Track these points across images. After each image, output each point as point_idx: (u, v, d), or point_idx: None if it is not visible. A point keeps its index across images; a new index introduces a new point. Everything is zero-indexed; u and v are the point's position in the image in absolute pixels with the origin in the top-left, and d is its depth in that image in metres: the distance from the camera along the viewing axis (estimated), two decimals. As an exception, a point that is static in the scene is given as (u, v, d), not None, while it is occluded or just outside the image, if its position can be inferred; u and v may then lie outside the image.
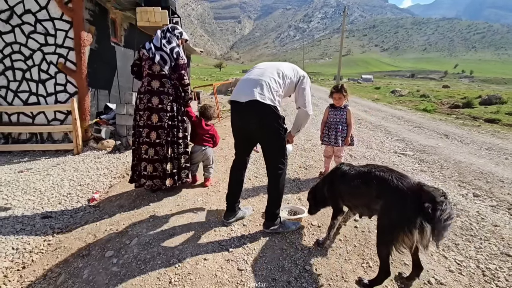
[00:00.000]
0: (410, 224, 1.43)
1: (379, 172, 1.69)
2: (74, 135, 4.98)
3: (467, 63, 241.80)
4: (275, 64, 2.29)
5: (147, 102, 2.80)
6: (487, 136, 6.38)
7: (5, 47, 5.06)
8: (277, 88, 2.12)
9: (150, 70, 2.81)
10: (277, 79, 2.15)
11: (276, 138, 2.11)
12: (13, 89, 5.17)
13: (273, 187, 2.19)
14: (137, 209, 2.78)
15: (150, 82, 2.81)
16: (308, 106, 2.29)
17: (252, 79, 2.16)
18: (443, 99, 14.37)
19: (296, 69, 2.34)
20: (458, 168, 4.07)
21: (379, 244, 1.62)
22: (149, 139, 2.84)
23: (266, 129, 2.10)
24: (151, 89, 2.80)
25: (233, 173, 2.39)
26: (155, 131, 2.84)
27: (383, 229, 1.61)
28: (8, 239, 2.42)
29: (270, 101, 2.04)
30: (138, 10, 5.64)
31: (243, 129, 2.25)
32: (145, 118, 2.82)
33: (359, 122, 7.81)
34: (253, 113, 2.06)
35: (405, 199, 1.50)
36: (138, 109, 2.85)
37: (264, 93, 2.05)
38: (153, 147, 2.86)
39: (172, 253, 2.01)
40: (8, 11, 4.98)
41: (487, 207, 2.86)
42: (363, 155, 4.64)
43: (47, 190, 3.42)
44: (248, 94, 2.06)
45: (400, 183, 1.55)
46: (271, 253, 2.03)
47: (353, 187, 1.82)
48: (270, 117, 2.06)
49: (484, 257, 2.05)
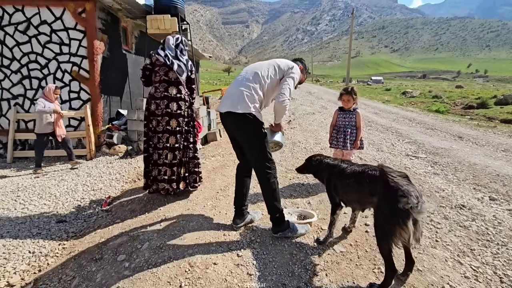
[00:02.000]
0: (404, 217, 1.49)
1: (371, 171, 1.79)
2: (87, 140, 5.12)
3: (481, 62, 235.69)
4: (256, 66, 2.30)
5: (165, 107, 2.84)
6: (503, 137, 6.18)
7: (23, 57, 5.27)
8: (254, 95, 2.15)
9: (166, 77, 2.87)
10: (253, 85, 2.17)
11: (255, 144, 2.17)
12: (30, 97, 5.37)
13: (265, 192, 2.21)
14: (148, 213, 2.82)
15: (167, 88, 2.86)
16: (282, 96, 2.12)
17: (230, 90, 2.27)
18: (456, 100, 14.02)
19: (283, 64, 2.27)
20: (473, 170, 3.96)
21: (379, 241, 1.66)
22: (169, 144, 2.92)
23: (244, 136, 2.20)
24: (169, 95, 2.86)
25: (237, 177, 2.44)
26: (174, 136, 2.93)
27: (380, 225, 1.66)
28: (25, 242, 2.50)
29: (245, 109, 2.10)
30: (148, 18, 5.78)
31: (231, 136, 2.37)
32: (164, 123, 2.87)
33: (369, 125, 7.71)
34: (231, 122, 2.20)
35: (396, 193, 1.54)
36: (155, 114, 2.87)
37: (238, 102, 2.12)
38: (172, 152, 2.94)
39: (183, 257, 2.03)
40: (26, 22, 5.20)
41: (504, 211, 2.77)
42: (374, 158, 4.57)
43: (61, 195, 3.52)
44: (225, 104, 2.19)
45: (390, 178, 1.61)
46: (281, 257, 2.02)
47: (347, 184, 1.94)
48: (246, 125, 2.14)
49: (502, 263, 1.98)
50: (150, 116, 2.91)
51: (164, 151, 2.91)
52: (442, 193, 3.18)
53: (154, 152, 2.95)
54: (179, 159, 3.00)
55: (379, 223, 1.67)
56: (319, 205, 2.88)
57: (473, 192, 3.23)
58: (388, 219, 1.58)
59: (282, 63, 2.30)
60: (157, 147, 2.92)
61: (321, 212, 2.72)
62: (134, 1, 5.41)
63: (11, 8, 5.16)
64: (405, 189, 1.53)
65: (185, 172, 3.06)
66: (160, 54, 2.85)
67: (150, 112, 2.90)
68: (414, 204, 1.48)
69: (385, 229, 1.61)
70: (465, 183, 3.52)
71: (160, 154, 2.92)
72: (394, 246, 1.60)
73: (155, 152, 2.93)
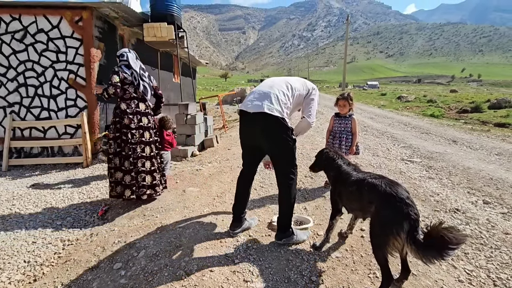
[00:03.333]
0: (398, 227, 1.50)
1: (371, 179, 1.79)
2: (83, 148, 5.11)
3: (475, 66, 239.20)
4: (284, 78, 2.38)
5: (138, 122, 3.16)
6: (497, 141, 6.27)
7: (19, 65, 5.28)
8: (286, 101, 2.18)
9: (135, 94, 3.19)
10: (286, 92, 2.21)
11: (285, 149, 2.14)
12: (26, 105, 5.36)
13: (285, 197, 2.20)
14: (144, 221, 2.82)
15: (138, 104, 3.20)
16: (312, 117, 2.35)
17: (261, 91, 2.23)
18: (450, 104, 14.20)
19: (305, 82, 2.42)
20: (467, 174, 4.01)
21: (375, 249, 1.68)
22: (145, 153, 3.20)
23: (274, 140, 2.13)
24: (140, 110, 3.20)
25: (240, 184, 2.42)
26: (149, 146, 3.25)
27: (375, 234, 1.68)
28: (20, 252, 2.48)
29: (278, 113, 2.08)
30: (145, 26, 5.84)
31: (251, 140, 2.29)
32: (138, 135, 3.16)
33: (365, 129, 7.78)
34: (261, 124, 2.11)
35: (392, 204, 1.57)
36: (129, 128, 3.11)
37: (272, 104, 2.10)
38: (150, 160, 3.24)
39: (179, 264, 2.03)
40: (22, 31, 5.22)
41: (498, 214, 2.81)
42: (370, 162, 4.61)
43: (57, 203, 3.50)
44: (257, 105, 2.12)
45: (388, 188, 1.63)
46: (277, 264, 2.03)
47: (350, 192, 1.94)
48: (278, 128, 2.10)
49: (495, 267, 2.00)
50: (123, 129, 3.11)
51: (141, 160, 3.16)
52: (436, 197, 3.22)
53: (125, 161, 3.12)
54: (157, 166, 3.32)
55: (374, 233, 1.68)
56: (315, 211, 2.90)
57: (467, 196, 3.27)
58: (384, 228, 1.59)
59: (307, 82, 2.44)
60: (131, 157, 3.12)
61: (317, 218, 2.73)
62: (131, 9, 5.46)
63: (8, 17, 5.18)
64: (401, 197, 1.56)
65: (161, 177, 3.39)
66: (126, 72, 3.13)
67: (122, 125, 3.11)
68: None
69: (380, 237, 1.62)
70: (459, 187, 3.56)
71: (136, 163, 3.13)
72: (389, 256, 1.60)
73: (127, 161, 3.12)
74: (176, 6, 6.16)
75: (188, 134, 5.57)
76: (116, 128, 3.12)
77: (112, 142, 3.15)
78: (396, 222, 1.52)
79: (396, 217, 1.54)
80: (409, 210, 1.52)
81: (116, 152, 3.13)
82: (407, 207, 1.53)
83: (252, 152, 2.37)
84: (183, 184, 3.86)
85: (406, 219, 1.50)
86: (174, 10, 6.09)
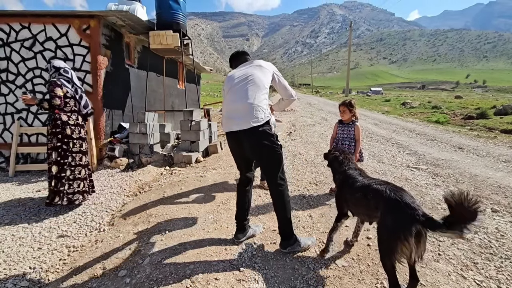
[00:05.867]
0: (406, 232, 1.49)
1: (376, 185, 1.80)
2: (89, 154, 5.14)
3: (480, 72, 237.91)
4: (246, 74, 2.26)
5: (78, 133, 3.53)
6: (504, 148, 6.19)
7: (27, 72, 5.38)
8: (262, 98, 2.17)
9: (75, 107, 3.55)
10: (258, 90, 2.17)
11: (272, 156, 2.16)
12: (34, 112, 5.44)
13: (279, 205, 2.20)
14: (149, 227, 2.82)
15: (78, 117, 3.57)
16: (292, 95, 2.54)
17: (237, 107, 2.16)
18: (456, 110, 14.10)
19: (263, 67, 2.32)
20: (474, 182, 3.96)
21: (382, 257, 1.66)
22: (83, 162, 3.60)
23: (261, 150, 2.14)
24: (80, 122, 3.58)
25: (239, 190, 2.43)
26: (85, 155, 3.66)
27: (382, 241, 1.66)
28: (26, 258, 2.49)
29: (260, 121, 2.09)
30: (151, 33, 5.92)
31: (240, 152, 2.31)
32: (78, 146, 3.52)
33: (369, 136, 7.74)
34: (246, 138, 2.13)
35: (399, 209, 1.57)
36: (71, 138, 3.44)
37: (253, 115, 2.09)
38: (85, 168, 3.64)
39: (184, 272, 2.02)
40: (31, 39, 5.33)
41: (507, 223, 2.76)
42: (375, 169, 4.58)
43: (63, 209, 3.51)
44: (239, 123, 2.12)
45: (393, 194, 1.64)
46: (283, 272, 2.01)
47: (355, 197, 1.95)
48: (262, 138, 2.11)
49: (506, 277, 1.96)
50: (65, 139, 3.38)
51: (78, 168, 3.52)
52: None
53: (67, 169, 3.40)
54: (88, 173, 3.72)
55: (382, 239, 1.67)
56: (320, 218, 2.87)
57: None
58: (391, 234, 1.58)
59: (262, 63, 2.37)
60: (71, 165, 3.44)
61: (322, 225, 2.71)
62: (137, 18, 5.56)
63: (17, 25, 5.30)
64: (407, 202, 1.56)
65: (89, 183, 3.75)
66: (68, 87, 3.44)
67: (64, 135, 3.38)
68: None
69: (388, 244, 1.60)
70: (466, 194, 3.50)
71: (73, 171, 3.46)
72: (397, 263, 1.58)
73: (69, 169, 3.42)
74: (182, 14, 6.25)
75: (192, 141, 5.59)
76: (57, 138, 3.35)
77: (51, 152, 3.37)
78: (404, 227, 1.51)
79: (404, 222, 1.53)
80: (415, 214, 1.51)
81: (57, 161, 3.36)
82: (414, 211, 1.52)
83: (243, 162, 2.39)
84: (187, 190, 3.86)
85: (413, 223, 1.49)
86: (179, 18, 6.18)
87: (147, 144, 5.48)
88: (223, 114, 2.32)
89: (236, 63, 2.50)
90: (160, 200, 3.57)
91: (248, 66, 2.36)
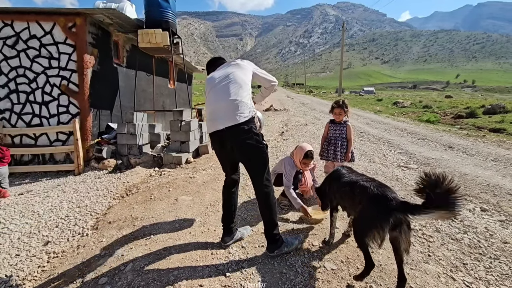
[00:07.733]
0: (383, 221, 1.60)
1: (363, 181, 1.92)
2: (75, 155, 5.01)
3: (469, 73, 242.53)
4: (226, 73, 2.24)
5: None
6: (492, 147, 6.26)
7: (10, 71, 5.20)
8: (245, 94, 2.14)
9: None
10: (240, 87, 2.14)
11: (258, 156, 2.10)
12: (17, 112, 5.27)
13: (265, 206, 2.13)
14: (133, 231, 2.73)
15: None
16: (273, 80, 2.50)
17: (221, 105, 2.12)
18: (446, 110, 14.28)
19: (242, 65, 2.33)
20: (464, 181, 3.97)
21: (356, 236, 1.83)
22: None
23: (245, 150, 2.08)
24: None
25: (225, 193, 2.36)
26: None
27: (359, 222, 1.84)
28: (2, 265, 2.37)
29: (247, 116, 2.05)
30: (140, 32, 5.81)
31: (225, 153, 2.23)
32: None
33: (361, 135, 7.75)
34: (231, 137, 2.06)
35: (379, 202, 1.70)
36: None
37: (238, 111, 2.04)
38: None
39: (167, 279, 1.94)
40: (14, 37, 5.16)
41: (496, 222, 2.75)
42: (366, 169, 4.56)
43: (45, 212, 3.39)
44: (223, 121, 2.05)
45: (376, 189, 1.77)
46: (270, 277, 1.95)
47: (342, 191, 2.09)
48: (247, 138, 2.04)
49: (495, 278, 1.94)
50: None
51: None
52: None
53: None
54: None
55: (358, 224, 1.84)
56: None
57: (464, 203, 3.22)
58: (369, 220, 1.70)
59: (240, 62, 2.39)
60: None
61: (315, 227, 2.66)
62: (125, 15, 5.43)
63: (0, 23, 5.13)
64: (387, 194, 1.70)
65: None
66: None
67: None
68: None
69: (363, 226, 1.75)
70: (456, 194, 3.50)
71: None
72: (374, 246, 1.69)
73: None
74: (171, 13, 6.14)
75: (182, 141, 5.49)
76: None
77: None
78: (383, 218, 1.61)
79: (382, 212, 1.64)
80: (393, 203, 1.63)
81: None
82: (391, 201, 1.64)
83: (228, 163, 2.31)
84: (175, 192, 3.76)
85: (391, 215, 1.59)
86: (169, 16, 6.07)
87: (136, 145, 5.36)
88: (207, 116, 2.25)
89: (214, 68, 2.46)
90: (146, 202, 3.47)
91: (227, 66, 2.34)
